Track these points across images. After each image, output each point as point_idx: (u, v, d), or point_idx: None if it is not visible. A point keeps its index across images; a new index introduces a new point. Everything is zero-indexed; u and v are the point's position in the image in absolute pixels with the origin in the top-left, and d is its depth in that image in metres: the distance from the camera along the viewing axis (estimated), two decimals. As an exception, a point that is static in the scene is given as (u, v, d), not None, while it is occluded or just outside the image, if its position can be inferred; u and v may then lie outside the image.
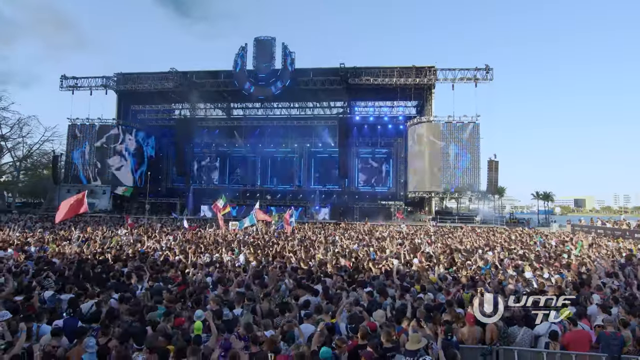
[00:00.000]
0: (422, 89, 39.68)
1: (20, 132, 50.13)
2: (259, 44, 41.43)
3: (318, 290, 8.64)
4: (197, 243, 16.96)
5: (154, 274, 9.86)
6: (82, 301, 7.28)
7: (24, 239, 16.77)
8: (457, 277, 10.84)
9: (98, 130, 43.60)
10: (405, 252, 14.93)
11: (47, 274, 9.10)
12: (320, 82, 40.87)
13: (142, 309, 6.79)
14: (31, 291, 7.71)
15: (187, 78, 42.68)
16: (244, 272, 10.70)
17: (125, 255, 13.32)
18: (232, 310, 7.20)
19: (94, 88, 44.28)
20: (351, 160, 46.85)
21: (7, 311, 6.02)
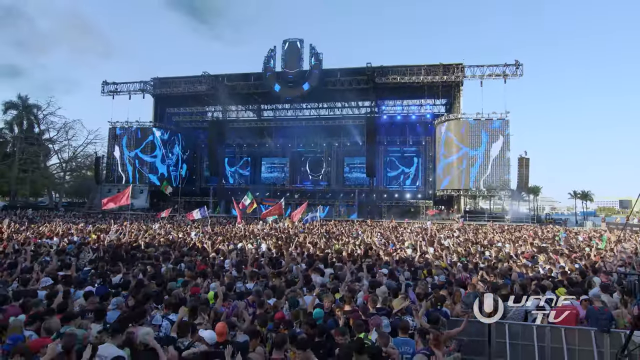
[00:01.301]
0: (449, 86, 39.41)
1: (66, 135, 53.40)
2: (288, 45, 42.39)
3: (327, 272, 9.25)
4: (224, 235, 17.91)
5: (179, 257, 10.73)
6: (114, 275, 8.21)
7: (67, 230, 18.23)
8: (466, 264, 11.15)
9: (136, 132, 45.80)
10: (421, 243, 15.28)
11: (85, 251, 10.10)
12: (347, 82, 41.35)
13: (164, 280, 7.60)
14: (69, 266, 8.69)
15: (219, 81, 44.15)
16: (263, 257, 11.43)
17: (156, 242, 14.37)
18: (244, 285, 7.90)
19: (132, 92, 46.57)
20: (379, 159, 47.02)
21: (49, 278, 6.98)
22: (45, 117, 52.35)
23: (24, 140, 49.72)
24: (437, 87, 39.49)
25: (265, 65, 42.79)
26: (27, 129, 51.27)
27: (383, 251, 13.45)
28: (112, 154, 46.41)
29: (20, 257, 9.40)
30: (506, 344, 6.94)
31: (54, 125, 52.88)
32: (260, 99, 48.68)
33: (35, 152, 49.98)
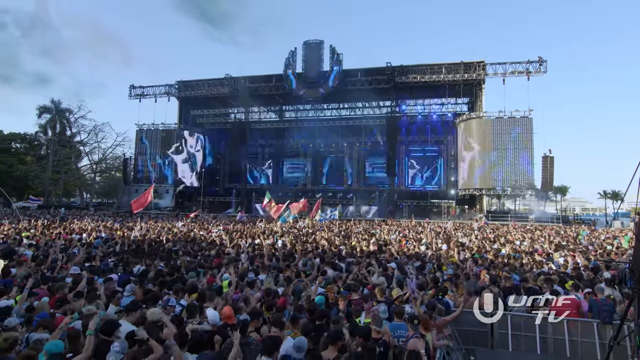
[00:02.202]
0: (471, 84, 38.99)
1: (96, 138, 55.47)
2: (308, 47, 42.85)
3: (340, 265, 9.57)
4: (243, 232, 18.43)
5: (198, 251, 11.25)
6: (134, 266, 8.78)
7: (96, 227, 19.16)
8: (478, 259, 11.26)
9: (162, 134, 47.16)
10: (436, 240, 15.40)
11: (111, 246, 10.74)
12: (367, 82, 41.46)
13: (180, 271, 8.11)
14: (95, 258, 9.32)
15: (241, 83, 44.98)
16: (278, 252, 11.84)
17: (177, 238, 15.00)
18: (257, 276, 8.31)
19: (158, 96, 47.99)
20: (400, 158, 46.87)
21: (77, 267, 7.56)
22: (76, 121, 54.58)
23: (57, 143, 51.94)
24: (459, 85, 39.14)
25: (286, 67, 43.38)
26: (59, 132, 53.54)
27: (397, 248, 13.67)
28: (139, 156, 47.93)
29: (50, 250, 10.08)
30: (508, 335, 7.09)
31: (84, 128, 55.06)
32: (282, 100, 49.33)
33: (67, 154, 52.12)
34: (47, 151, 52.79)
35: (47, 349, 3.53)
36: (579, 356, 6.67)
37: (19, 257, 8.94)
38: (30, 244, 11.61)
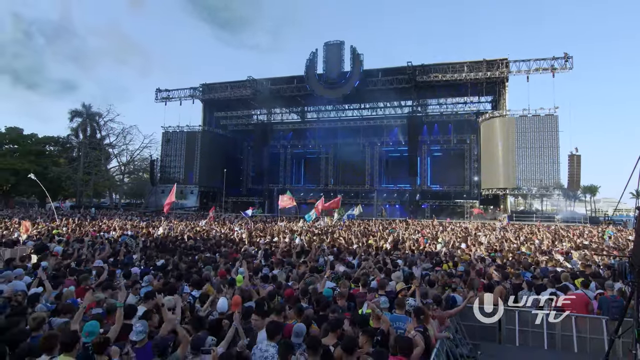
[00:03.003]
0: (494, 82, 38.45)
1: (124, 140, 57.33)
2: (329, 48, 43.13)
3: (352, 262, 9.81)
4: (263, 230, 18.87)
5: (216, 248, 11.68)
6: (158, 260, 9.25)
7: (123, 226, 19.97)
8: (494, 257, 11.28)
9: (187, 135, 48.35)
10: (454, 239, 15.40)
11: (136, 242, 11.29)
12: (388, 82, 41.42)
13: (197, 265, 8.51)
14: (118, 254, 9.85)
15: (263, 85, 45.67)
16: (293, 249, 12.15)
17: (198, 236, 15.52)
18: (271, 271, 8.62)
19: (183, 98, 49.26)
20: (422, 158, 46.58)
21: (101, 261, 8.04)
22: (105, 124, 56.53)
23: (88, 146, 53.91)
24: (481, 84, 38.66)
25: (308, 68, 43.77)
26: (90, 135, 55.56)
27: (413, 246, 13.79)
28: (165, 157, 49.29)
29: (78, 246, 10.70)
30: (516, 331, 7.16)
31: (113, 131, 56.99)
32: (303, 101, 49.77)
33: (97, 156, 54.02)
34: (79, 153, 54.87)
35: (86, 329, 3.88)
36: (587, 352, 6.68)
37: (50, 252, 9.55)
38: (60, 240, 12.31)
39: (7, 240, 12.09)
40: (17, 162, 50.47)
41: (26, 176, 50.51)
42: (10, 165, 49.47)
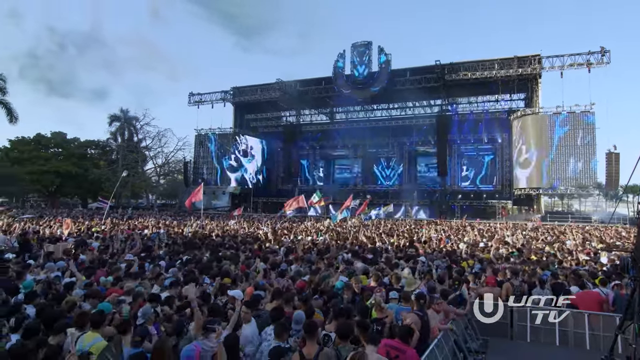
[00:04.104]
0: (526, 79, 37.46)
1: (159, 143, 59.42)
2: (356, 48, 43.25)
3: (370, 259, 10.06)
4: (289, 229, 19.34)
5: (240, 245, 12.19)
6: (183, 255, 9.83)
7: (156, 224, 20.94)
8: (516, 256, 11.26)
9: (218, 138, 49.70)
10: (479, 239, 15.35)
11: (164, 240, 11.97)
12: (417, 81, 41.11)
13: (220, 259, 9.01)
14: (150, 249, 10.50)
15: (292, 87, 46.30)
16: (315, 246, 12.52)
17: (225, 234, 16.16)
18: (290, 266, 9.01)
19: (214, 102, 50.63)
20: (452, 158, 45.92)
21: (131, 255, 8.67)
22: (142, 127, 58.80)
23: (125, 148, 56.27)
24: (513, 81, 37.74)
25: (335, 69, 44.06)
26: (127, 138, 57.97)
27: (435, 245, 13.88)
28: (198, 159, 50.84)
29: (113, 242, 11.47)
30: (527, 327, 7.22)
31: (149, 134, 59.19)
32: (332, 102, 50.07)
33: (134, 159, 56.28)
34: (117, 156, 57.35)
35: (100, 307, 4.42)
36: (600, 350, 6.66)
37: (87, 247, 10.32)
38: (97, 236, 13.20)
39: (50, 237, 13.08)
40: (62, 164, 53.36)
41: (70, 178, 53.87)
42: (56, 168, 52.35)
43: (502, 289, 7.49)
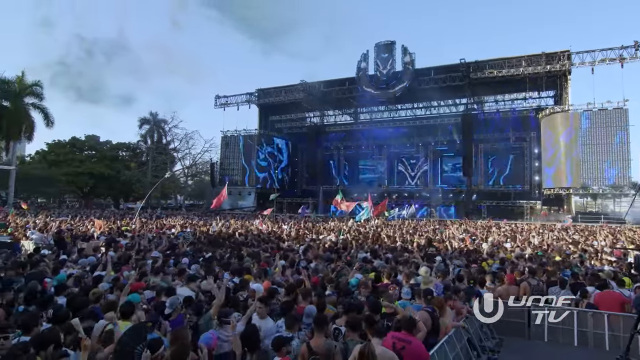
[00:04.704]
0: (555, 76, 36.46)
1: (187, 145, 60.83)
2: (380, 48, 43.17)
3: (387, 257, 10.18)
4: (311, 229, 19.61)
5: (261, 243, 12.50)
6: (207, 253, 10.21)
7: (184, 224, 21.59)
8: (539, 257, 11.15)
9: (244, 139, 50.52)
10: (503, 239, 15.19)
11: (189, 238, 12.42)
12: (441, 80, 40.66)
13: (242, 256, 9.32)
14: (176, 247, 10.95)
15: (315, 88, 46.57)
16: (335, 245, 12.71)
17: (249, 233, 16.55)
18: (309, 264, 9.22)
19: (240, 104, 51.52)
20: (478, 157, 45.18)
21: (157, 252, 9.08)
22: (170, 130, 60.37)
23: (155, 150, 57.92)
24: (541, 78, 36.81)
25: (359, 70, 44.10)
26: (157, 141, 59.64)
27: (457, 245, 13.84)
28: (224, 160, 51.86)
29: (140, 240, 12.00)
30: (544, 327, 7.16)
31: (177, 136, 60.71)
32: (356, 103, 50.07)
33: (163, 160, 57.88)
34: (147, 158, 59.08)
35: (129, 298, 4.76)
36: (620, 350, 6.55)
37: (117, 244, 10.85)
38: (127, 235, 13.82)
39: (83, 235, 13.78)
40: (95, 166, 55.38)
41: (102, 179, 55.91)
42: (89, 170, 54.40)
43: (519, 288, 7.48)
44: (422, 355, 4.07)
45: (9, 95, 38.21)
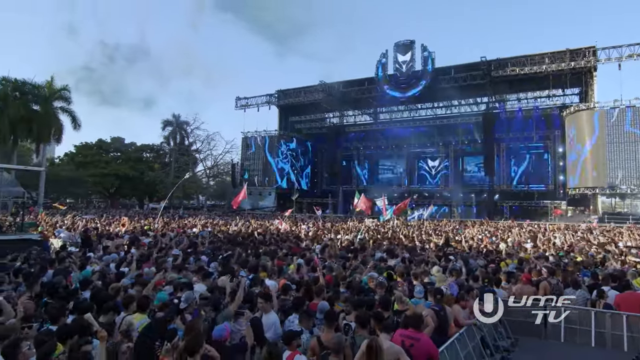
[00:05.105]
0: (580, 73, 35.53)
1: (208, 146, 61.93)
2: (399, 48, 42.95)
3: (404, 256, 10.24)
4: (329, 229, 19.75)
5: (279, 242, 12.72)
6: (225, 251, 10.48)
7: (205, 224, 22.05)
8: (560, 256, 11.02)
9: (264, 140, 51.04)
10: (523, 239, 15.01)
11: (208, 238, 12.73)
12: (461, 79, 40.19)
13: (260, 256, 9.54)
14: (196, 245, 11.27)
15: (335, 88, 46.63)
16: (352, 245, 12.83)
17: (268, 232, 16.82)
18: (325, 262, 9.37)
19: (260, 105, 52.06)
20: (500, 157, 44.42)
21: (177, 250, 9.37)
22: (192, 131, 61.53)
23: (177, 152, 59.13)
24: (565, 75, 35.90)
25: (378, 69, 43.98)
26: (179, 142, 60.87)
27: (474, 244, 13.76)
28: (245, 161, 52.53)
29: (162, 238, 12.37)
30: (561, 327, 7.09)
31: (199, 138, 61.84)
32: (375, 103, 49.91)
33: (185, 161, 58.98)
34: (170, 159, 60.35)
35: (159, 297, 5.01)
36: (639, 352, 6.46)
37: (139, 242, 11.23)
38: (149, 234, 14.26)
39: (108, 234, 14.30)
40: (120, 167, 56.93)
41: (127, 180, 57.36)
42: (115, 171, 55.94)
43: (538, 288, 7.44)
44: (430, 352, 4.15)
45: (39, 99, 39.73)
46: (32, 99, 39.68)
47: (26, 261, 8.18)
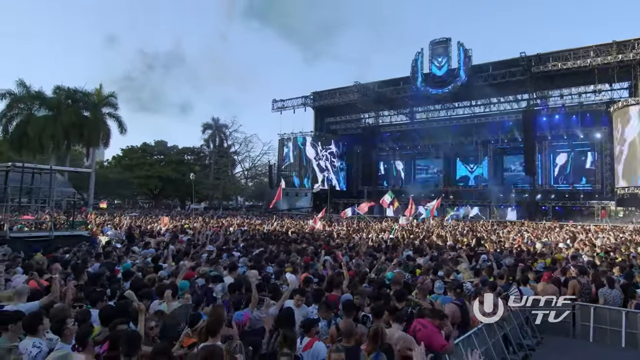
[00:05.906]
0: (628, 66, 33.65)
1: (246, 148, 63.59)
2: (434, 46, 42.33)
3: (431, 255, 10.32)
4: (361, 229, 19.95)
5: (311, 240, 13.07)
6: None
7: (241, 223, 22.82)
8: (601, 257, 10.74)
9: (300, 141, 51.72)
10: (560, 239, 14.64)
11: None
12: (500, 76, 39.05)
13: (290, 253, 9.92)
14: (229, 242, 11.80)
15: (370, 88, 46.56)
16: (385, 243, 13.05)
17: (301, 231, 17.24)
18: (351, 259, 9.61)
19: (296, 107, 52.81)
20: (543, 155, 42.77)
21: (212, 246, 9.89)
22: (231, 134, 63.31)
23: (217, 154, 61.01)
24: (612, 69, 34.14)
25: (413, 68, 43.52)
26: (218, 145, 62.78)
27: (506, 244, 13.58)
28: (282, 162, 53.45)
29: (199, 236, 13.03)
30: (590, 327, 6.98)
31: (237, 140, 63.59)
32: (411, 102, 49.35)
33: (224, 163, 60.84)
34: (210, 161, 62.36)
35: (180, 286, 5.46)
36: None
37: (178, 240, 11.91)
38: (188, 232, 15.04)
39: (150, 232, 15.19)
40: (163, 170, 59.46)
41: (170, 181, 59.87)
42: (158, 173, 58.49)
43: (567, 287, 7.35)
44: (431, 340, 4.24)
45: (89, 105, 42.24)
46: (82, 106, 42.23)
47: (75, 255, 8.97)
